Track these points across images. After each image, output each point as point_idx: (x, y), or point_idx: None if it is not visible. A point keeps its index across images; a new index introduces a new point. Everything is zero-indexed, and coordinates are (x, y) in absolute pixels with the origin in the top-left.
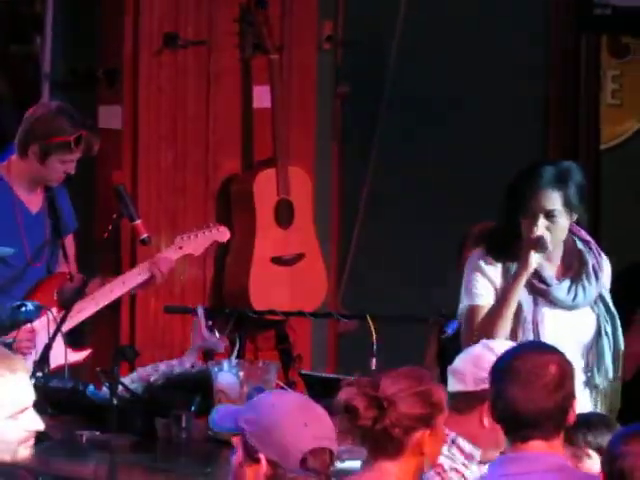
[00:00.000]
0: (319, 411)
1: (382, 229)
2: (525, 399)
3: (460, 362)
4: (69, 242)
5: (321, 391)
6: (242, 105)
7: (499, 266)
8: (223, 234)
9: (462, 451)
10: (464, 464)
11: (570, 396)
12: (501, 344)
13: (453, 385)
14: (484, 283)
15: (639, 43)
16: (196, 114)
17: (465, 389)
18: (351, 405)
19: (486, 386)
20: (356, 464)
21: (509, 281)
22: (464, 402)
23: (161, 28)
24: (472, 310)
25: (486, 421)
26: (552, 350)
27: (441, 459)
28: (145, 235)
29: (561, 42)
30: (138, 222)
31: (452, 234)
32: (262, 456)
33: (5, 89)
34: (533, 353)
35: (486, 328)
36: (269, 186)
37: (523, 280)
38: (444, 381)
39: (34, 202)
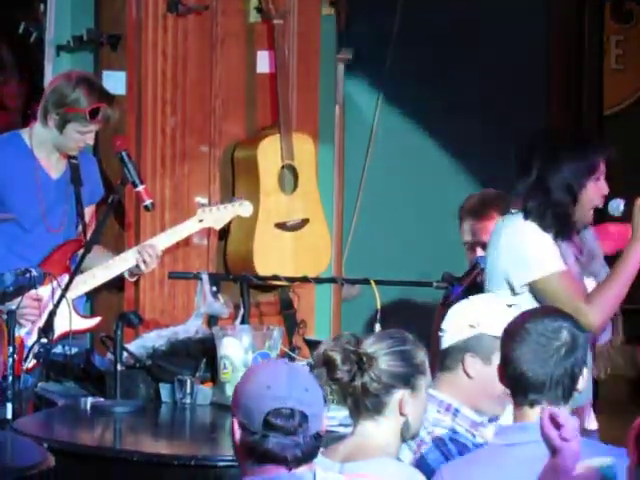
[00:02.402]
0: (293, 374)
1: (385, 194)
2: (535, 362)
3: (444, 322)
4: (89, 211)
5: None
6: (246, 70)
7: (547, 235)
8: (246, 209)
9: (466, 420)
10: (469, 431)
11: (580, 363)
12: (481, 297)
13: (441, 345)
14: (551, 248)
15: None
16: (200, 79)
17: (448, 344)
18: (329, 357)
19: (463, 336)
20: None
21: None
22: (450, 358)
23: None
24: (564, 275)
25: (471, 370)
26: (565, 316)
27: (441, 431)
28: (149, 201)
29: (564, 7)
30: (141, 188)
31: (457, 197)
32: (235, 420)
33: (8, 55)
34: (546, 317)
35: (603, 300)
36: (273, 152)
37: None
38: None
39: (55, 168)
